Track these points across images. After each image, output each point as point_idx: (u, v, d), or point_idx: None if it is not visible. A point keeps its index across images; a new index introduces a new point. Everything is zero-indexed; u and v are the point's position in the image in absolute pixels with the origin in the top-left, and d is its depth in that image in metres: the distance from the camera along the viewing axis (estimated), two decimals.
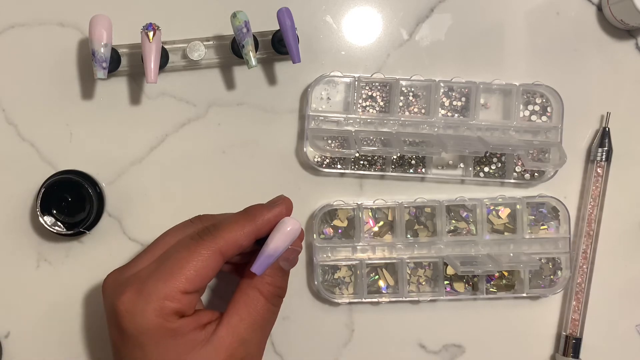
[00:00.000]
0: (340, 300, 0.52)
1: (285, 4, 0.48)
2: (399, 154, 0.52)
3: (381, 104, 0.53)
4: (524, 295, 0.53)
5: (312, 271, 0.52)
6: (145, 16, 0.51)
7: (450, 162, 0.54)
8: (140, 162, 0.53)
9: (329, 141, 0.53)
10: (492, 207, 0.54)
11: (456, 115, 0.54)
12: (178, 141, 0.53)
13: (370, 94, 0.53)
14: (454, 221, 0.53)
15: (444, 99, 0.53)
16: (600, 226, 0.53)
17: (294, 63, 0.48)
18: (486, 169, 0.54)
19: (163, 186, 0.53)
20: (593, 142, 0.54)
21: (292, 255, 0.45)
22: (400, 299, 0.52)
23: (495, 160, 0.54)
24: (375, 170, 0.53)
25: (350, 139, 0.51)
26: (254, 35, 0.49)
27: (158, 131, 0.53)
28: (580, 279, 0.53)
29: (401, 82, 0.53)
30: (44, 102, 0.52)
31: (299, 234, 0.43)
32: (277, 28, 0.49)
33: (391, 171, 0.53)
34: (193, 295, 0.41)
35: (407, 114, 0.53)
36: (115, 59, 0.50)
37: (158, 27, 0.47)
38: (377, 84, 0.53)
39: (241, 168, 0.53)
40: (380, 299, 0.52)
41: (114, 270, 0.44)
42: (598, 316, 0.54)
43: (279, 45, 0.50)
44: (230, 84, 0.53)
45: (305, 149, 0.52)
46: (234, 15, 0.47)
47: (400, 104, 0.53)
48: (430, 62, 0.54)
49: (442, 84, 0.53)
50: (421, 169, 0.53)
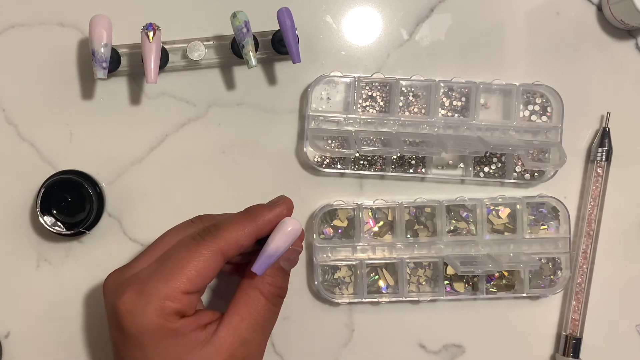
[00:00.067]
0: (340, 300, 0.52)
1: (285, 4, 0.48)
2: (399, 154, 0.52)
3: (381, 104, 0.53)
4: (524, 295, 0.53)
5: (312, 271, 0.52)
6: (145, 16, 0.51)
7: (450, 162, 0.54)
8: (140, 162, 0.53)
9: (329, 141, 0.53)
10: (492, 207, 0.54)
11: (456, 115, 0.54)
12: (178, 141, 0.53)
13: (370, 94, 0.53)
14: (454, 221, 0.53)
15: (444, 99, 0.53)
16: (600, 226, 0.53)
17: (294, 63, 0.48)
18: (486, 169, 0.54)
19: (163, 186, 0.53)
20: (593, 142, 0.54)
21: (293, 255, 0.45)
22: (400, 299, 0.52)
23: (495, 160, 0.54)
24: (375, 170, 0.53)
25: (350, 139, 0.51)
26: (254, 35, 0.49)
27: (158, 131, 0.53)
28: (580, 279, 0.53)
29: (401, 82, 0.53)
30: (44, 102, 0.52)
31: (300, 234, 0.43)
32: (277, 28, 0.49)
33: (391, 171, 0.53)
34: (194, 296, 0.41)
35: (407, 114, 0.53)
36: (115, 59, 0.50)
37: (158, 27, 0.47)
38: (377, 84, 0.53)
39: (241, 168, 0.53)
40: (380, 299, 0.52)
41: (114, 270, 0.44)
42: (598, 316, 0.54)
43: (279, 45, 0.50)
44: (230, 84, 0.53)
45: (305, 149, 0.52)
46: (234, 15, 0.47)
47: (400, 104, 0.53)
48: (430, 62, 0.54)
49: (442, 84, 0.53)
50: (421, 169, 0.53)
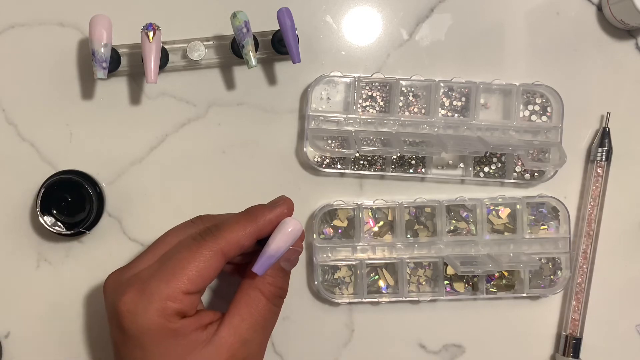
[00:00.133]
0: (340, 300, 0.52)
1: (285, 4, 0.48)
2: (399, 154, 0.52)
3: (381, 104, 0.53)
4: (524, 295, 0.53)
5: (312, 271, 0.52)
6: (145, 16, 0.51)
7: (450, 162, 0.54)
8: (140, 162, 0.53)
9: (329, 141, 0.53)
10: (492, 207, 0.54)
11: (456, 115, 0.54)
12: (178, 141, 0.53)
13: (370, 94, 0.53)
14: (454, 221, 0.53)
15: (444, 99, 0.53)
16: (600, 226, 0.53)
17: (294, 63, 0.48)
18: (486, 169, 0.54)
19: (163, 186, 0.53)
20: (593, 142, 0.54)
21: (293, 256, 0.45)
22: (400, 299, 0.52)
23: (495, 160, 0.54)
24: (375, 170, 0.53)
25: (350, 139, 0.51)
26: (254, 35, 0.49)
27: (158, 131, 0.53)
28: (580, 279, 0.53)
29: (401, 82, 0.53)
30: (44, 102, 0.52)
31: (300, 234, 0.43)
32: (277, 28, 0.49)
33: (391, 171, 0.53)
34: (195, 296, 0.41)
35: (407, 114, 0.53)
36: (115, 59, 0.50)
37: (158, 27, 0.47)
38: (377, 84, 0.53)
39: (241, 168, 0.53)
40: (380, 299, 0.52)
41: (115, 270, 0.44)
42: (598, 316, 0.54)
43: (279, 45, 0.50)
44: (230, 84, 0.53)
45: (305, 149, 0.52)
46: (234, 15, 0.47)
47: (400, 104, 0.53)
48: (430, 62, 0.54)
49: (442, 84, 0.53)
50: (421, 169, 0.53)
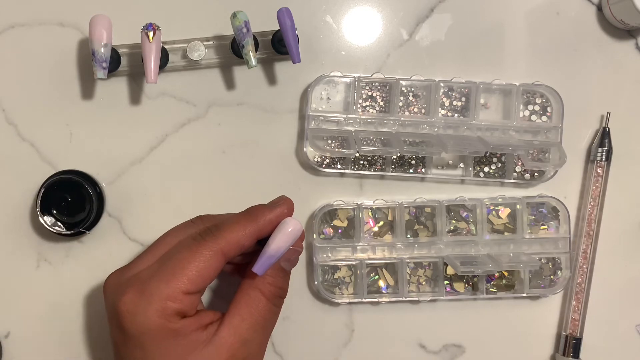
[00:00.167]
0: (340, 300, 0.52)
1: (285, 4, 0.48)
2: (399, 154, 0.52)
3: (381, 104, 0.53)
4: (524, 295, 0.53)
5: (312, 271, 0.52)
6: (145, 16, 0.51)
7: (450, 162, 0.54)
8: (140, 162, 0.53)
9: (329, 141, 0.53)
10: (492, 207, 0.54)
11: (456, 115, 0.54)
12: (178, 141, 0.53)
13: (370, 94, 0.53)
14: (454, 221, 0.53)
15: (444, 99, 0.53)
16: (600, 226, 0.53)
17: (294, 63, 0.48)
18: (486, 169, 0.54)
19: (163, 186, 0.53)
20: (593, 142, 0.54)
21: (294, 256, 0.45)
22: (400, 299, 0.52)
23: (495, 160, 0.54)
24: (375, 170, 0.53)
25: (350, 139, 0.51)
26: (254, 35, 0.49)
27: (158, 131, 0.53)
28: (580, 279, 0.53)
29: (401, 82, 0.53)
30: (44, 102, 0.52)
31: (301, 234, 0.43)
32: (277, 28, 0.49)
33: (391, 171, 0.53)
34: (195, 296, 0.41)
35: (407, 114, 0.53)
36: (115, 59, 0.50)
37: (158, 27, 0.47)
38: (377, 84, 0.53)
39: (241, 168, 0.53)
40: (380, 299, 0.52)
41: (115, 270, 0.44)
42: (598, 316, 0.54)
43: (279, 45, 0.50)
44: (230, 84, 0.53)
45: (305, 149, 0.52)
46: (234, 15, 0.47)
47: (400, 104, 0.53)
48: (430, 62, 0.54)
49: (442, 84, 0.53)
50: (421, 169, 0.53)
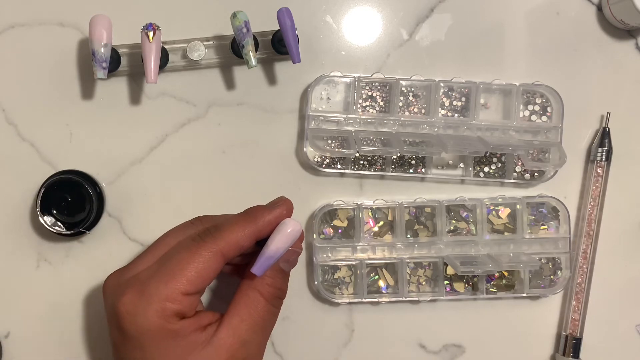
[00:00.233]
0: (340, 300, 0.52)
1: (285, 4, 0.48)
2: (399, 154, 0.52)
3: (381, 104, 0.53)
4: (524, 295, 0.53)
5: (312, 271, 0.52)
6: (145, 16, 0.51)
7: (450, 162, 0.54)
8: (140, 162, 0.53)
9: (329, 141, 0.53)
10: (492, 207, 0.54)
11: (456, 115, 0.54)
12: (178, 141, 0.53)
13: (370, 94, 0.53)
14: (454, 221, 0.53)
15: (444, 99, 0.53)
16: (600, 226, 0.53)
17: (294, 63, 0.48)
18: (486, 169, 0.54)
19: (163, 186, 0.53)
20: (593, 142, 0.54)
21: (293, 257, 0.45)
22: (400, 299, 0.52)
23: (495, 160, 0.54)
24: (375, 170, 0.53)
25: (350, 139, 0.51)
26: (254, 35, 0.49)
27: (158, 131, 0.53)
28: (580, 279, 0.53)
29: (401, 82, 0.53)
30: (44, 102, 0.52)
31: (300, 235, 0.43)
32: (277, 28, 0.49)
33: (391, 171, 0.53)
34: (194, 297, 0.41)
35: (407, 114, 0.53)
36: (115, 59, 0.50)
37: (158, 27, 0.47)
38: (377, 84, 0.53)
39: (241, 168, 0.53)
40: (380, 299, 0.52)
41: (114, 271, 0.44)
42: (598, 316, 0.54)
43: (279, 45, 0.50)
44: (230, 84, 0.53)
45: (305, 149, 0.52)
46: (234, 15, 0.47)
47: (400, 104, 0.53)
48: (430, 62, 0.54)
49: (442, 84, 0.53)
50: (421, 169, 0.53)
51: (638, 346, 0.55)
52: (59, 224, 0.49)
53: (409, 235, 0.53)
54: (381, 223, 0.53)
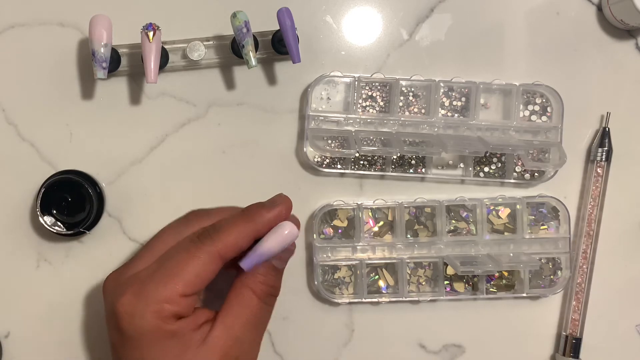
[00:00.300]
0: (340, 300, 0.52)
1: (285, 4, 0.48)
2: (399, 154, 0.52)
3: (381, 104, 0.53)
4: (524, 295, 0.53)
5: (312, 271, 0.52)
6: (145, 16, 0.51)
7: (450, 162, 0.54)
8: (140, 162, 0.53)
9: (329, 141, 0.53)
10: (492, 207, 0.54)
11: (456, 115, 0.53)
12: (178, 141, 0.53)
13: (370, 94, 0.53)
14: (454, 221, 0.53)
15: (444, 99, 0.53)
16: (600, 226, 0.53)
17: (294, 63, 0.48)
18: (486, 169, 0.54)
19: (163, 186, 0.53)
20: (593, 142, 0.54)
21: (286, 255, 0.45)
22: (400, 299, 0.52)
23: (495, 160, 0.54)
24: (375, 170, 0.53)
25: (350, 139, 0.51)
26: (254, 35, 0.49)
27: (158, 131, 0.53)
28: (580, 279, 0.53)
29: (401, 82, 0.53)
30: (44, 102, 0.52)
31: (296, 238, 0.43)
32: (277, 28, 0.49)
33: (391, 171, 0.53)
34: (191, 298, 0.41)
35: (407, 114, 0.53)
36: (115, 59, 0.50)
37: (158, 27, 0.47)
38: (377, 84, 0.53)
39: (241, 168, 0.53)
40: (380, 299, 0.52)
41: (114, 270, 0.44)
42: (598, 316, 0.54)
43: (279, 45, 0.50)
44: (230, 84, 0.53)
45: (305, 149, 0.52)
46: (234, 15, 0.47)
47: (400, 104, 0.53)
48: (430, 62, 0.54)
49: (442, 84, 0.53)
50: (421, 169, 0.53)
51: (638, 346, 0.55)
52: (59, 224, 0.49)
53: (409, 235, 0.53)
54: (381, 223, 0.53)
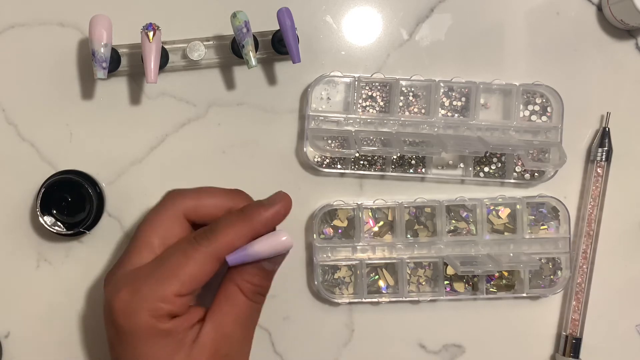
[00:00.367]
0: (340, 300, 0.52)
1: (285, 4, 0.48)
2: (399, 154, 0.52)
3: (381, 104, 0.53)
4: (524, 295, 0.53)
5: (312, 271, 0.52)
6: (145, 16, 0.51)
7: (450, 162, 0.54)
8: (140, 162, 0.53)
9: (329, 141, 0.53)
10: (492, 207, 0.54)
11: (456, 115, 0.53)
12: (178, 141, 0.53)
13: (370, 94, 0.53)
14: (454, 221, 0.53)
15: (444, 99, 0.53)
16: (600, 226, 0.53)
17: (294, 63, 0.48)
18: (486, 169, 0.54)
19: (163, 186, 0.53)
20: (593, 142, 0.54)
21: (277, 259, 0.44)
22: (400, 299, 0.52)
23: (495, 160, 0.54)
24: (375, 170, 0.53)
25: (350, 139, 0.51)
26: (254, 35, 0.49)
27: (158, 131, 0.53)
28: (580, 279, 0.53)
29: (401, 82, 0.53)
30: (44, 102, 0.52)
31: (288, 250, 0.43)
32: (277, 28, 0.49)
33: (391, 171, 0.53)
34: (187, 297, 0.42)
35: (407, 114, 0.53)
36: (115, 59, 0.50)
37: (158, 27, 0.47)
38: (377, 84, 0.53)
39: (241, 168, 0.53)
40: (380, 299, 0.52)
41: (114, 264, 0.44)
42: (598, 316, 0.54)
43: (279, 45, 0.50)
44: (230, 84, 0.53)
45: (305, 149, 0.52)
46: (234, 15, 0.47)
47: (400, 104, 0.53)
48: (430, 62, 0.54)
49: (442, 84, 0.53)
50: (421, 169, 0.53)
51: (638, 346, 0.55)
52: (59, 224, 0.49)
53: (409, 235, 0.53)
54: (381, 223, 0.53)
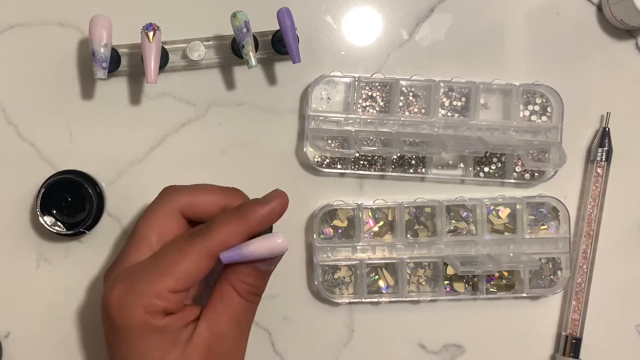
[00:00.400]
0: (340, 300, 0.52)
1: (285, 4, 0.48)
2: (399, 154, 0.52)
3: (381, 104, 0.53)
4: (524, 295, 0.53)
5: (312, 271, 0.52)
6: (145, 16, 0.51)
7: (450, 162, 0.54)
8: (140, 162, 0.53)
9: (329, 141, 0.53)
10: (492, 207, 0.54)
11: (456, 115, 0.53)
12: (178, 141, 0.53)
13: (370, 94, 0.53)
14: (454, 221, 0.53)
15: (444, 99, 0.53)
16: (600, 226, 0.53)
17: (294, 63, 0.48)
18: (486, 169, 0.54)
19: (163, 186, 0.52)
20: (593, 142, 0.54)
21: (273, 260, 0.44)
22: (400, 299, 0.52)
23: (495, 160, 0.54)
24: (375, 170, 0.53)
25: (350, 139, 0.51)
26: (254, 35, 0.49)
27: (158, 131, 0.53)
28: (580, 279, 0.53)
29: (401, 82, 0.53)
30: (44, 102, 0.52)
31: (283, 253, 0.43)
32: (277, 28, 0.49)
33: (391, 171, 0.53)
34: (181, 294, 0.42)
35: (407, 114, 0.53)
36: (115, 59, 0.50)
37: (158, 27, 0.47)
38: (377, 84, 0.53)
39: (241, 168, 0.53)
40: (380, 299, 0.52)
41: (114, 261, 0.44)
42: (598, 316, 0.54)
43: (279, 45, 0.50)
44: (230, 84, 0.53)
45: (305, 149, 0.52)
46: (234, 15, 0.47)
47: (400, 104, 0.53)
48: (430, 62, 0.54)
49: (442, 84, 0.53)
50: (421, 169, 0.53)
51: (638, 346, 0.55)
52: (59, 224, 0.49)
53: (409, 235, 0.53)
54: (381, 223, 0.53)
